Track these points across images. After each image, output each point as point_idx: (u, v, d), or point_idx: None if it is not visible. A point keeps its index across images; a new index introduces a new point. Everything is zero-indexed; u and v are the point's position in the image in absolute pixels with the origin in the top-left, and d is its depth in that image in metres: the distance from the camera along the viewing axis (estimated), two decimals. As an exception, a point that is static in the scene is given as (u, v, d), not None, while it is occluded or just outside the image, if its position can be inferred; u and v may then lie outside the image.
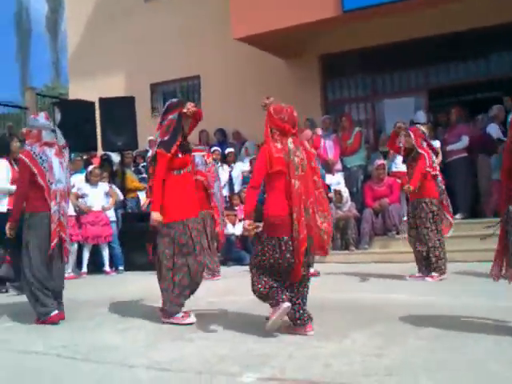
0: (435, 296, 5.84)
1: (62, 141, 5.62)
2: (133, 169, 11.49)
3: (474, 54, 10.93)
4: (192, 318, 5.06)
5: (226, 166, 10.77)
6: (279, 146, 4.46)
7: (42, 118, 5.60)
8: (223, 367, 3.70)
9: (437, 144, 9.53)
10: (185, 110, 5.14)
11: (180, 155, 5.17)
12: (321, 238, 4.47)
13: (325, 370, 3.53)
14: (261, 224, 4.48)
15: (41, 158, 5.39)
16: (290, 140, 4.48)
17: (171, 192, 5.13)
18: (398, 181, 9.28)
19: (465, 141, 9.77)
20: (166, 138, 5.14)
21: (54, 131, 5.57)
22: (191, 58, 13.29)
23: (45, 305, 5.31)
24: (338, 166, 10.50)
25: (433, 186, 7.01)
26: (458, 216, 9.37)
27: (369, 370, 3.48)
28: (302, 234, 4.31)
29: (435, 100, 11.39)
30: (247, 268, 4.73)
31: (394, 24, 10.58)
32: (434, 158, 7.21)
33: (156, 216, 5.12)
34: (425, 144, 7.10)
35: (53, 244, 5.31)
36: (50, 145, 5.50)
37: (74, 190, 9.33)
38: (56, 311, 5.34)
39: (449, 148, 9.73)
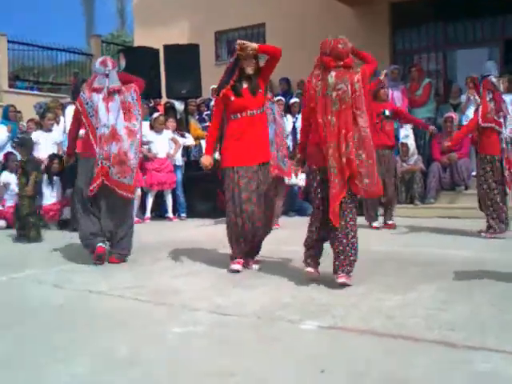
0: (500, 253, 5.64)
1: (113, 84, 5.57)
2: (197, 117, 11.49)
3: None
4: (236, 266, 5.03)
5: (289, 117, 10.60)
6: (313, 81, 4.38)
7: (97, 63, 5.69)
8: (283, 314, 3.69)
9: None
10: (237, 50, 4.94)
11: (233, 98, 4.99)
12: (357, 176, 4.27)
13: (387, 321, 3.47)
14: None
15: (87, 103, 5.50)
16: (331, 74, 4.32)
17: (228, 137, 5.06)
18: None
19: None
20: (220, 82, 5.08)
21: (107, 75, 5.57)
22: (256, 5, 13.07)
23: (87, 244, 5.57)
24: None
25: (492, 142, 6.64)
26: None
27: (432, 323, 3.39)
28: (338, 164, 4.22)
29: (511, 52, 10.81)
30: (307, 219, 4.67)
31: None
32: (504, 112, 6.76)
33: (203, 159, 5.18)
34: (490, 96, 6.70)
35: (91, 188, 5.41)
36: (97, 90, 5.54)
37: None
38: (100, 244, 5.52)
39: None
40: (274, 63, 4.99)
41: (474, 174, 7.84)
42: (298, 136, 10.42)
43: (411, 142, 9.43)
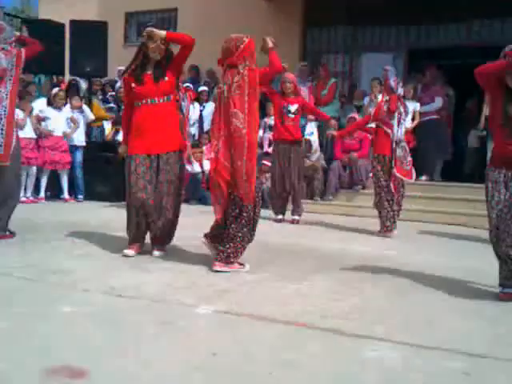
0: (397, 251, 5.85)
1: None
2: (100, 97, 11.15)
3: (457, 18, 10.73)
4: (129, 252, 4.91)
5: (197, 105, 10.49)
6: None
7: None
8: (179, 298, 3.64)
9: (416, 107, 9.51)
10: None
11: (133, 85, 4.85)
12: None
13: (281, 308, 3.49)
14: None
15: None
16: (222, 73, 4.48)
17: (131, 125, 4.94)
18: (370, 136, 9.18)
19: (438, 102, 9.73)
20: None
21: None
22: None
23: None
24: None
25: (384, 142, 6.85)
26: (423, 178, 9.44)
27: (325, 312, 3.46)
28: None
29: (415, 61, 11.23)
30: (210, 208, 4.62)
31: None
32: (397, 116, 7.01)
33: (120, 149, 5.20)
34: (386, 98, 6.93)
35: None
36: None
37: (35, 112, 9.03)
38: None
39: (421, 109, 9.65)
40: (185, 52, 4.86)
41: (370, 174, 8.08)
42: (205, 124, 10.49)
43: (314, 139, 9.59)
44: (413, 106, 9.25)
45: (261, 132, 9.63)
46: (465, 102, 11.54)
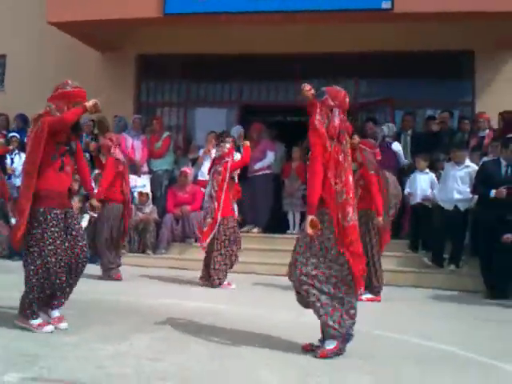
0: (226, 304, 5.90)
1: None
2: None
3: (287, 77, 11.35)
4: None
5: (22, 155, 10.00)
6: None
7: None
8: (-17, 365, 3.35)
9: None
10: None
11: None
12: None
13: (95, 371, 3.35)
14: None
15: None
16: None
17: None
18: (202, 189, 9.30)
19: (270, 157, 10.06)
20: None
21: None
22: (-1, 35, 12.31)
23: None
24: (145, 168, 10.30)
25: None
26: (255, 230, 9.70)
27: (141, 373, 3.36)
28: None
29: (248, 116, 11.63)
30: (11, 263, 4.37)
31: (216, 35, 10.68)
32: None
33: None
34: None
35: None
36: None
37: None
38: None
39: (256, 166, 9.89)
40: None
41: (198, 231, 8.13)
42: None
43: (149, 192, 9.55)
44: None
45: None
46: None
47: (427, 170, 8.78)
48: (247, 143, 7.66)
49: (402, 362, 3.94)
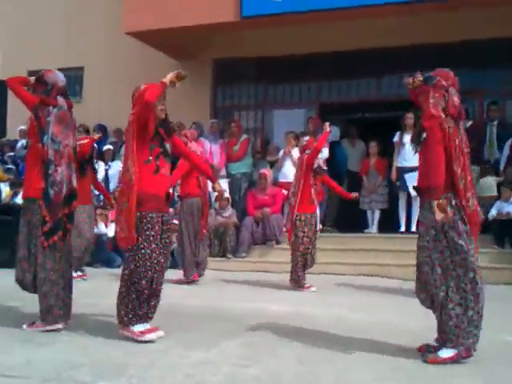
0: (311, 307, 5.73)
1: None
2: (-1, 158, 10.71)
3: (366, 73, 11.08)
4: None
5: (101, 163, 10.21)
6: None
7: None
8: (74, 374, 3.33)
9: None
10: None
11: None
12: None
13: (185, 379, 3.25)
14: None
15: None
16: None
17: None
18: (284, 191, 9.18)
19: (325, 153, 9.73)
20: None
21: None
22: (75, 46, 12.60)
23: None
24: (223, 172, 10.28)
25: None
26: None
27: (235, 380, 3.25)
28: None
29: (326, 115, 11.43)
30: (116, 271, 4.36)
31: (292, 35, 10.54)
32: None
33: None
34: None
35: None
36: None
37: None
38: None
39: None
40: None
41: (284, 229, 7.98)
42: (111, 183, 10.21)
43: (227, 196, 9.51)
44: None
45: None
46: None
47: None
48: (326, 126, 7.20)
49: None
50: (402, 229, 9.21)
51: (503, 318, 5.12)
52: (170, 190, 4.77)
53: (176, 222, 7.67)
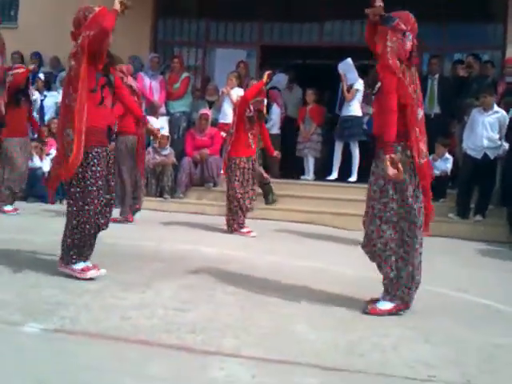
0: (247, 252, 5.69)
1: None
2: None
3: (310, 18, 10.87)
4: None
5: (36, 93, 9.70)
6: None
7: None
8: (2, 314, 3.17)
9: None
10: None
11: None
12: None
13: (121, 322, 3.17)
14: None
15: None
16: None
17: None
18: (223, 134, 9.00)
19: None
20: None
21: None
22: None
23: None
24: (163, 109, 9.97)
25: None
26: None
27: (171, 325, 3.18)
28: None
29: (267, 57, 11.23)
30: (51, 207, 4.17)
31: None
32: None
33: None
34: None
35: None
36: None
37: None
38: None
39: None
40: None
41: (221, 171, 7.83)
42: (47, 115, 9.80)
43: (167, 134, 9.26)
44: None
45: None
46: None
47: (447, 156, 8.47)
48: (265, 76, 6.96)
49: (451, 317, 3.73)
50: (332, 177, 9.24)
51: (441, 271, 5.24)
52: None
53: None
